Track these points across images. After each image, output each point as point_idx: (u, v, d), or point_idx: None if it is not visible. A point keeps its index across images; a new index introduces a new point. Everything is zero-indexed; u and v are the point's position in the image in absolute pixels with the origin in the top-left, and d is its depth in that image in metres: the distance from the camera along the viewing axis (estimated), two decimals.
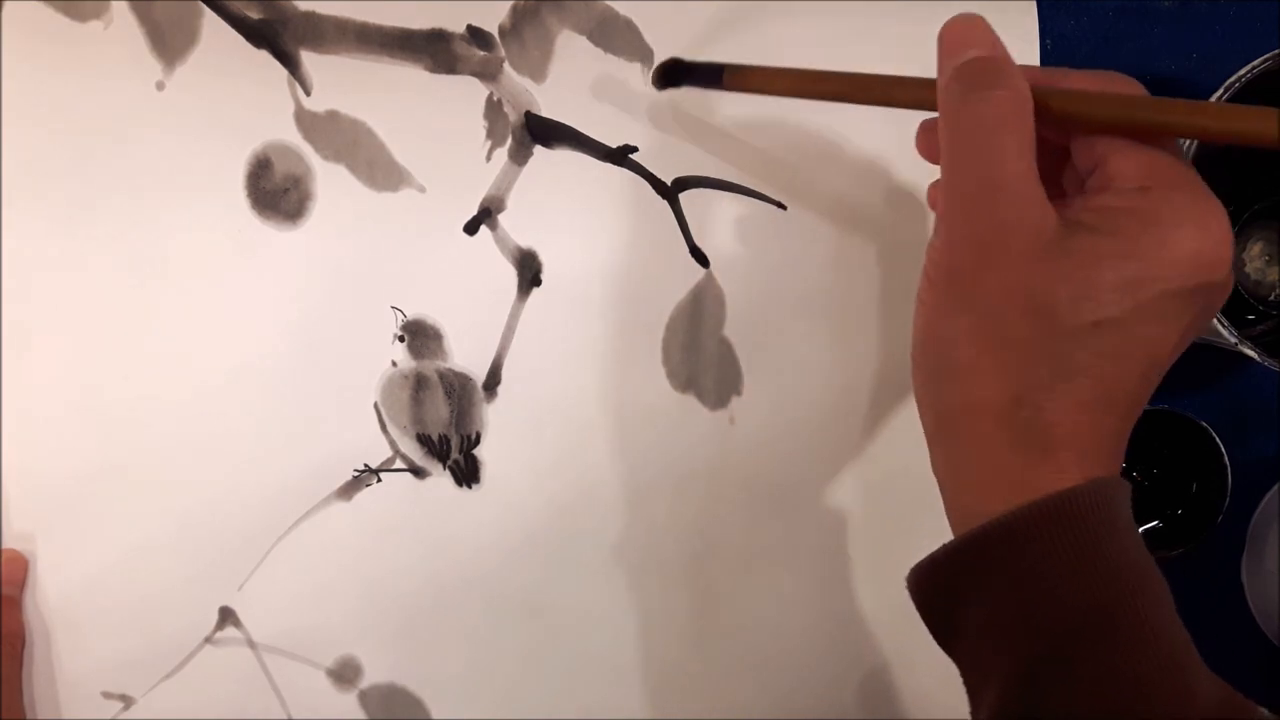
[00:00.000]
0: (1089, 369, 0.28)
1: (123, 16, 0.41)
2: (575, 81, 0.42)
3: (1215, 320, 0.38)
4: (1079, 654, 0.28)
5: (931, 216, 0.43)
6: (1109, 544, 0.28)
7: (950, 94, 0.30)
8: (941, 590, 0.31)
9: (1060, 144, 0.31)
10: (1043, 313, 0.28)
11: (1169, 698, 0.27)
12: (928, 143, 0.33)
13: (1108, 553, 0.28)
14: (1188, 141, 0.37)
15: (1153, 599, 0.28)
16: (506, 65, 0.42)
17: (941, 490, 0.31)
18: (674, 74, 0.40)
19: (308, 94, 0.41)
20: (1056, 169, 0.31)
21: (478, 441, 0.44)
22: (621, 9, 0.42)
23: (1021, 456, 0.29)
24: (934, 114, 0.31)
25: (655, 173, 0.43)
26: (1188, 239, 0.28)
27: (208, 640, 0.43)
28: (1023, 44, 0.44)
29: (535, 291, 0.43)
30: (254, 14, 0.41)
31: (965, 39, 0.30)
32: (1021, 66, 0.30)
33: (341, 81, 0.41)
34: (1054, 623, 0.28)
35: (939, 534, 0.31)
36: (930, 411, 0.31)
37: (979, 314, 0.29)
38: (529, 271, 0.43)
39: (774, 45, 0.43)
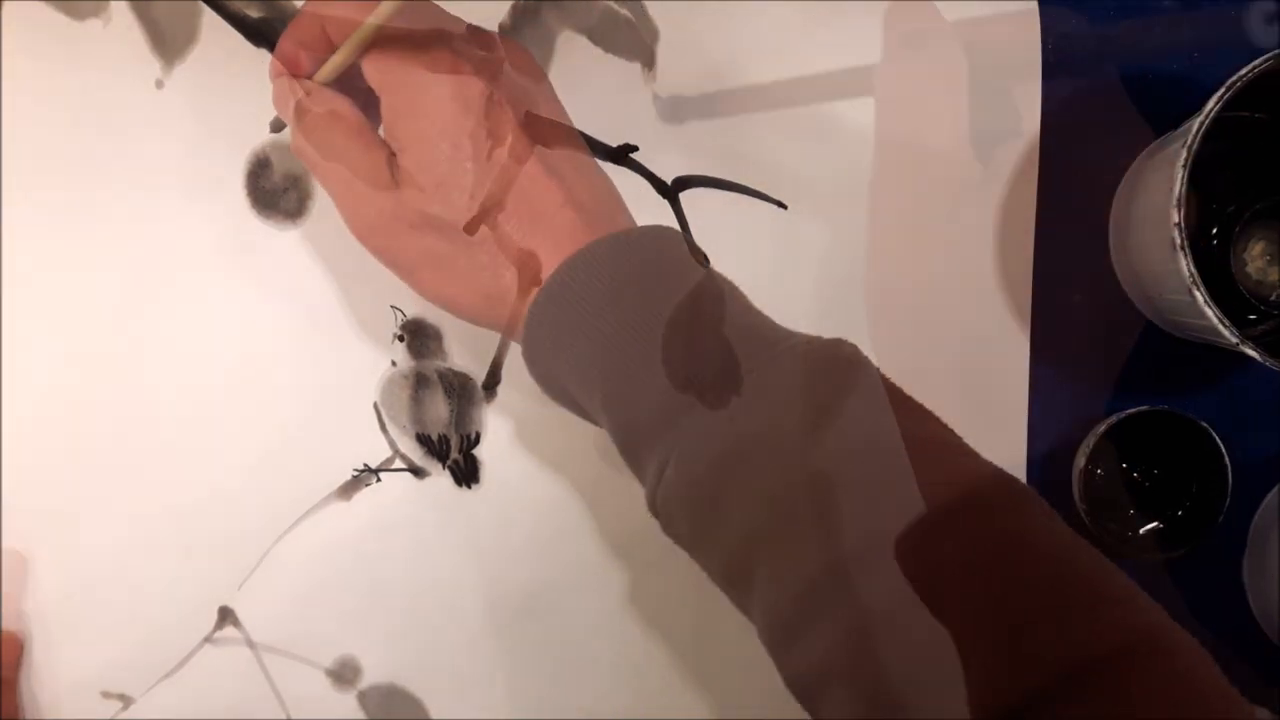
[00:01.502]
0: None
1: (122, 15, 0.41)
2: (575, 81, 0.42)
3: (1216, 320, 0.38)
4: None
5: (939, 225, 0.43)
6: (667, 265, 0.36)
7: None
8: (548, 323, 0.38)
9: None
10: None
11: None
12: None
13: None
14: (1191, 138, 0.37)
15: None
16: (506, 65, 0.42)
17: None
18: None
19: (308, 94, 0.41)
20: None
21: (477, 441, 0.44)
22: (621, 9, 0.42)
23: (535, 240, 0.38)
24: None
25: (655, 173, 0.43)
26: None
27: (207, 640, 0.43)
28: (1025, 46, 0.44)
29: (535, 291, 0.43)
30: (254, 13, 0.41)
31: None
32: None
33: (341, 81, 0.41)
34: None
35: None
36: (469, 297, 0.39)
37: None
38: (529, 271, 0.43)
39: (770, 40, 0.43)
